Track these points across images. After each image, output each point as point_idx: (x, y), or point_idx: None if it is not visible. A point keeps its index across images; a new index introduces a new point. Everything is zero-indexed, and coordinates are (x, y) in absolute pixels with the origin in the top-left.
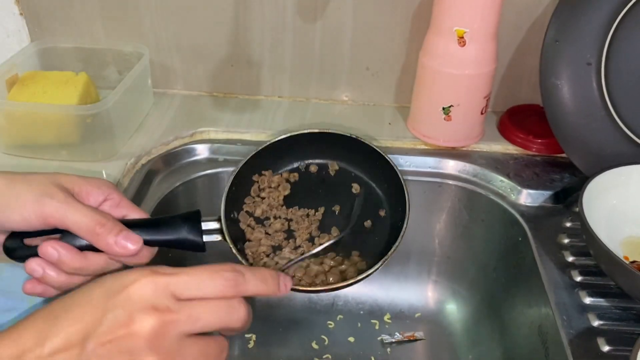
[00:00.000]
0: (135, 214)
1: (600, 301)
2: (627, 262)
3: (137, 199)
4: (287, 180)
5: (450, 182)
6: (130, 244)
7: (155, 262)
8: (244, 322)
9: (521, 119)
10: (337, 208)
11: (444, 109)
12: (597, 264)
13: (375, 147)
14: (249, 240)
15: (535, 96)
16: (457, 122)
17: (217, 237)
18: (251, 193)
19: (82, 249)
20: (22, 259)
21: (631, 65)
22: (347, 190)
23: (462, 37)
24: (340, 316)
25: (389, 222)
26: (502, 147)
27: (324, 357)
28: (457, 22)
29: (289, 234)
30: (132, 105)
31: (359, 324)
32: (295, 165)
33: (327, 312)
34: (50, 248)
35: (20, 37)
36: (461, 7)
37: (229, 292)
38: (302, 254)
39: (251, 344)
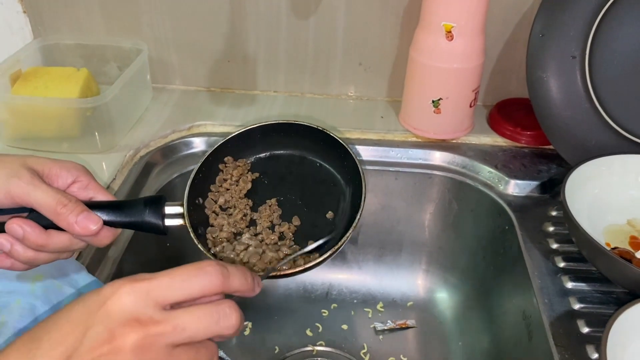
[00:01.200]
0: (102, 196)
1: (582, 286)
2: (608, 248)
3: (135, 190)
4: (250, 171)
5: (440, 173)
6: (90, 224)
7: (153, 257)
8: (236, 329)
9: (510, 112)
10: (299, 196)
11: (433, 102)
12: (580, 251)
13: (335, 137)
14: (212, 226)
15: (524, 90)
16: (446, 115)
17: (179, 222)
18: (216, 182)
19: (47, 227)
20: None
21: (614, 59)
22: (311, 180)
23: (450, 32)
24: (335, 305)
25: (348, 214)
26: (491, 139)
27: (318, 343)
28: (445, 17)
29: (251, 222)
30: (131, 100)
31: (352, 312)
32: (260, 154)
33: (322, 300)
34: (16, 225)
35: (24, 34)
36: (449, 3)
37: (215, 288)
38: (262, 240)
39: (247, 332)
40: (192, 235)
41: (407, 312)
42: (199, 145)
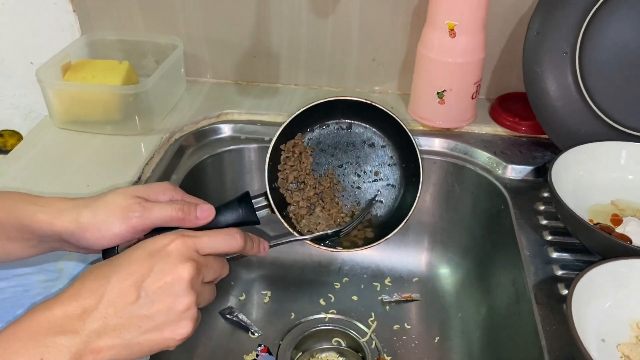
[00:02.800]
0: (200, 202)
1: (565, 255)
2: (589, 222)
3: (170, 169)
4: (308, 145)
5: (444, 159)
6: (208, 213)
7: None
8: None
9: (510, 104)
10: (360, 168)
11: (438, 93)
12: (565, 226)
13: (393, 115)
14: (290, 205)
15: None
16: (450, 106)
17: (267, 210)
18: (280, 161)
19: None
20: None
21: (602, 55)
22: (369, 151)
23: (453, 30)
24: (346, 279)
25: (402, 192)
26: (492, 129)
27: (330, 311)
28: (448, 16)
29: (319, 196)
30: (167, 89)
31: (362, 286)
32: (311, 127)
33: (335, 274)
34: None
35: (73, 31)
36: (451, 3)
37: (237, 249)
38: (332, 216)
39: (266, 299)
40: (280, 219)
41: (412, 287)
42: (226, 131)
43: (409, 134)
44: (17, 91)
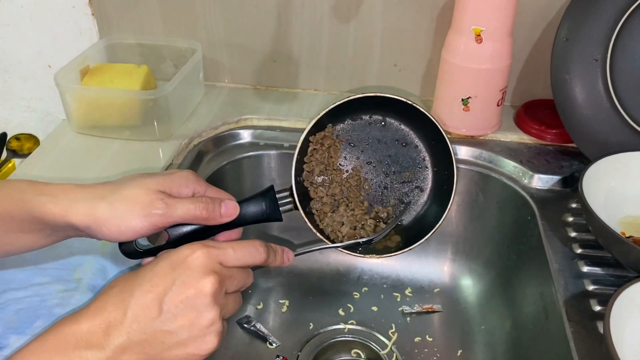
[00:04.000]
0: (223, 196)
1: (596, 270)
2: (622, 235)
3: None
4: (337, 137)
5: (468, 167)
6: (232, 210)
7: None
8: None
9: (536, 112)
10: (389, 167)
11: (463, 100)
12: (596, 238)
13: (432, 117)
14: (313, 199)
15: (550, 92)
16: (475, 113)
17: (290, 206)
18: (307, 153)
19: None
20: (135, 257)
21: (634, 62)
22: (401, 150)
23: (479, 35)
24: (365, 288)
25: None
26: (518, 137)
27: (349, 322)
28: (475, 21)
29: (345, 194)
30: (186, 94)
31: (382, 296)
32: (343, 121)
33: (354, 284)
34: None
35: (91, 34)
36: (478, 8)
37: (260, 262)
38: (356, 217)
39: (284, 309)
40: (303, 216)
41: (433, 298)
42: (245, 137)
43: (446, 138)
44: (34, 94)
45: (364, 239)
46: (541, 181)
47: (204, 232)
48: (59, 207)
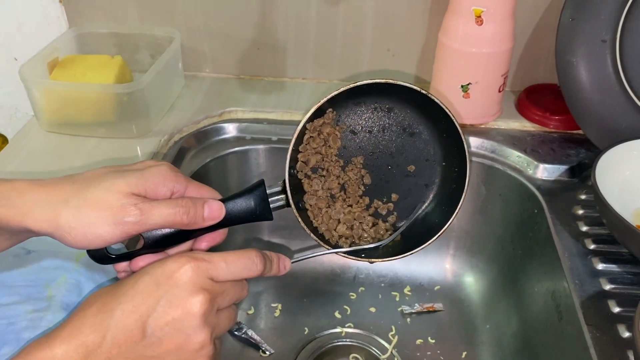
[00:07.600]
0: (206, 192)
1: (612, 267)
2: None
3: None
4: (337, 124)
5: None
6: (217, 213)
7: None
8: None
9: (539, 97)
10: (388, 155)
11: (462, 86)
12: (610, 233)
13: (445, 108)
14: (306, 193)
15: (553, 76)
16: (475, 100)
17: (282, 202)
18: (303, 141)
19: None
20: (106, 262)
21: None
22: (408, 140)
23: (480, 17)
24: (362, 288)
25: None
26: (520, 124)
27: (347, 325)
28: (475, 1)
29: (342, 187)
30: (165, 86)
31: (380, 296)
32: (346, 106)
33: (349, 284)
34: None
35: (60, 23)
36: None
37: (256, 274)
38: (353, 215)
39: (277, 313)
40: (297, 216)
41: (434, 296)
42: (230, 131)
43: (460, 131)
44: (0, 89)
45: (369, 246)
46: (547, 171)
47: (184, 235)
48: (13, 212)
